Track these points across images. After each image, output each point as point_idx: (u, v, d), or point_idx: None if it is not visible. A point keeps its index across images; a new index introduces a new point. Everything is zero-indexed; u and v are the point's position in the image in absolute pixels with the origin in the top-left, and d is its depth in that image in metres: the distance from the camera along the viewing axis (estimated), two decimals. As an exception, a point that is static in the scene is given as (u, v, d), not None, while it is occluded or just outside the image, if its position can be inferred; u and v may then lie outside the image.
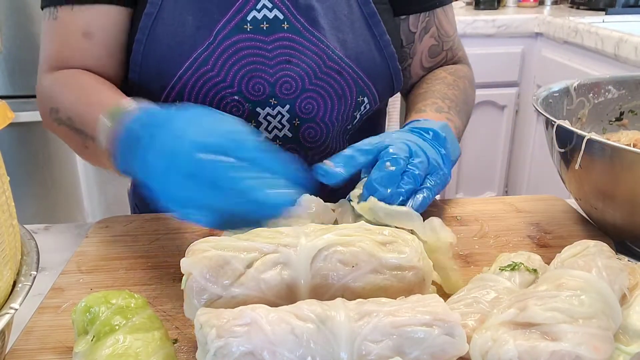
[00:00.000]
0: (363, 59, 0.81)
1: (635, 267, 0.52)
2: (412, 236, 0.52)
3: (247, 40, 0.76)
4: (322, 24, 0.78)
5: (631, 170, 0.59)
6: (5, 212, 0.45)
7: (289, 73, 0.78)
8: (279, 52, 0.77)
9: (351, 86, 0.81)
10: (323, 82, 0.80)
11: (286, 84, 0.78)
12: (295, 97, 0.80)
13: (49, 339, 0.53)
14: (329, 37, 0.79)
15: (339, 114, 0.83)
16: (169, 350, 0.45)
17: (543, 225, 0.74)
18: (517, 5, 2.48)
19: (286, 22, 0.77)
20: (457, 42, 0.95)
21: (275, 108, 0.80)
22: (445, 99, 0.83)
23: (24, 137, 2.03)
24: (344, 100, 0.82)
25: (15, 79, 1.99)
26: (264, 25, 0.76)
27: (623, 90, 0.83)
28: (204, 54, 0.75)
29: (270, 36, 0.76)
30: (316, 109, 0.81)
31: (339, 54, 0.79)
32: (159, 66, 0.77)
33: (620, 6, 2.13)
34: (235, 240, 0.50)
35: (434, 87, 0.86)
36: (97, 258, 0.67)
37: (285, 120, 0.81)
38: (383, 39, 0.82)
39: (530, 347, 0.41)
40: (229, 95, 0.78)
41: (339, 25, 0.80)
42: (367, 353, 0.41)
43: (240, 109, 0.79)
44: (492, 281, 0.52)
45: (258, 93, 0.78)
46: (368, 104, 0.85)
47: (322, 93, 0.80)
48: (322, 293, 0.48)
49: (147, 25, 0.76)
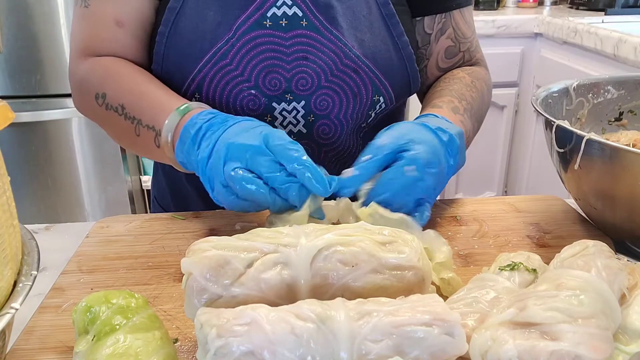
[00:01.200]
0: (380, 58, 0.81)
1: (634, 267, 0.52)
2: (412, 236, 0.52)
3: (266, 36, 0.77)
4: (341, 22, 0.79)
5: (630, 170, 0.59)
6: (6, 212, 0.45)
7: (306, 69, 0.79)
8: (296, 49, 0.78)
9: (367, 85, 0.81)
10: (339, 79, 0.80)
11: (302, 80, 0.79)
12: (311, 94, 0.80)
13: (50, 338, 0.53)
14: (346, 35, 0.79)
15: (354, 112, 0.83)
16: (170, 350, 0.45)
17: (542, 225, 0.74)
18: (517, 6, 2.49)
19: (305, 19, 0.77)
20: (475, 44, 0.94)
21: (290, 103, 0.80)
22: (462, 100, 0.82)
23: (24, 137, 2.04)
24: (359, 98, 0.82)
25: (15, 79, 1.99)
26: (283, 21, 0.77)
27: (622, 91, 0.83)
28: (223, 48, 0.77)
29: (289, 32, 0.77)
30: (331, 106, 0.82)
31: (356, 52, 0.79)
32: (180, 59, 0.79)
33: (620, 6, 2.13)
34: (236, 240, 0.50)
35: (451, 86, 0.85)
36: (98, 258, 0.67)
37: (300, 116, 0.81)
38: (401, 39, 0.82)
39: (529, 346, 0.41)
40: (246, 89, 0.79)
41: (358, 25, 0.80)
42: (367, 353, 0.41)
43: (257, 103, 0.80)
44: (492, 281, 0.52)
45: (274, 88, 0.79)
46: (384, 103, 0.85)
47: (337, 90, 0.81)
48: (322, 293, 0.48)
49: (170, 19, 0.78)
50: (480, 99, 0.86)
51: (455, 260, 0.66)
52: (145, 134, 0.73)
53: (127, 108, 0.75)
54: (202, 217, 0.77)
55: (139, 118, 0.74)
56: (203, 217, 0.77)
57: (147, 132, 0.73)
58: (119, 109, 0.75)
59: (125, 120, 0.75)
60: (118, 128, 0.78)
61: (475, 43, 0.94)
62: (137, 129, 0.74)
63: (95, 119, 0.83)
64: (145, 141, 0.74)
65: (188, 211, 0.79)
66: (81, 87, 0.81)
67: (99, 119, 0.82)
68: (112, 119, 0.77)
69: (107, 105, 0.77)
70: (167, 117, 0.69)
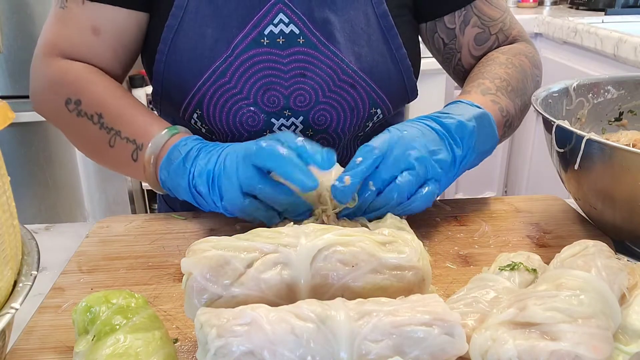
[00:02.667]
0: (377, 72, 0.81)
1: (634, 266, 0.52)
2: (412, 236, 0.52)
3: (264, 54, 0.77)
4: (338, 37, 0.79)
5: (630, 170, 0.59)
6: (6, 212, 0.45)
7: (304, 86, 0.79)
8: (294, 66, 0.78)
9: (364, 99, 0.82)
10: (336, 94, 0.80)
11: (300, 96, 0.79)
12: (309, 109, 0.81)
13: (50, 338, 0.53)
14: (344, 50, 0.79)
15: (351, 125, 0.84)
16: (170, 350, 0.45)
17: (542, 225, 0.74)
18: (517, 6, 2.48)
19: (302, 36, 0.77)
20: (508, 22, 0.90)
21: (289, 119, 0.81)
22: (495, 79, 0.79)
23: (24, 137, 2.04)
24: (356, 112, 0.83)
25: (15, 79, 1.99)
26: (280, 39, 0.77)
27: (622, 91, 0.83)
28: (222, 67, 0.77)
29: (286, 50, 0.77)
30: (329, 120, 0.82)
31: (353, 68, 0.79)
32: (180, 76, 0.79)
33: (620, 6, 2.13)
34: (236, 240, 0.50)
35: (484, 69, 0.83)
36: (98, 258, 0.67)
37: (299, 131, 0.82)
38: (399, 52, 0.82)
39: (529, 346, 0.41)
40: (246, 107, 0.79)
41: (356, 39, 0.80)
42: (367, 353, 0.41)
43: (256, 120, 0.80)
44: (492, 281, 0.52)
45: (273, 105, 0.79)
46: (381, 114, 0.85)
47: (335, 105, 0.81)
48: (322, 293, 0.48)
49: (169, 37, 0.78)
50: (520, 73, 0.83)
51: (455, 260, 0.66)
52: (121, 146, 0.73)
53: (105, 118, 0.74)
54: (202, 217, 0.77)
55: (117, 129, 0.73)
56: (203, 217, 0.77)
57: (125, 144, 0.73)
58: (94, 118, 0.74)
59: (100, 130, 0.74)
60: (88, 137, 0.77)
61: (508, 21, 0.90)
62: (113, 140, 0.73)
63: (58, 123, 0.81)
64: (119, 153, 0.74)
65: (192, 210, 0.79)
66: (51, 88, 0.79)
67: (64, 124, 0.80)
68: (82, 126, 0.76)
69: (80, 111, 0.75)
70: (156, 134, 0.70)
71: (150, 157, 0.70)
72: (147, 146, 0.70)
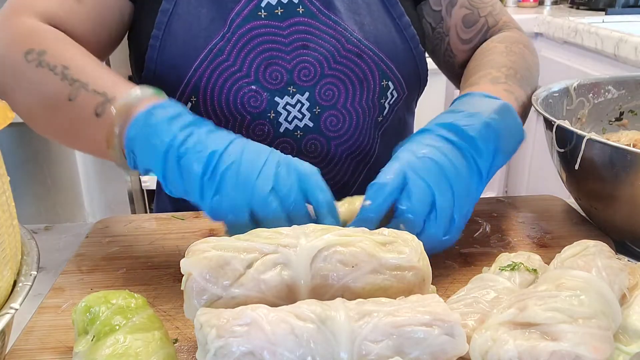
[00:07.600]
0: (383, 41, 0.79)
1: (635, 267, 0.52)
2: (412, 236, 0.52)
3: (262, 27, 0.75)
4: (338, 6, 0.77)
5: (631, 170, 0.59)
6: (5, 212, 0.45)
7: (307, 58, 0.76)
8: (295, 37, 0.76)
9: (373, 69, 0.79)
10: (343, 66, 0.78)
11: (304, 69, 0.76)
12: (315, 84, 0.78)
13: (49, 338, 0.53)
14: (345, 19, 0.77)
15: (362, 99, 0.80)
16: (169, 350, 0.45)
17: (543, 225, 0.74)
18: (517, 5, 2.48)
19: (301, 5, 0.76)
20: (498, 7, 0.88)
21: (294, 96, 0.77)
22: (502, 67, 0.75)
23: (24, 137, 2.03)
24: (366, 84, 0.79)
25: (15, 79, 1.98)
26: (279, 10, 0.75)
27: (623, 90, 0.83)
28: (219, 44, 0.75)
29: (286, 21, 0.75)
30: (337, 94, 0.79)
31: (357, 37, 0.77)
32: (174, 61, 0.76)
33: (620, 6, 2.13)
34: (235, 240, 0.50)
35: (485, 59, 0.79)
36: (97, 258, 0.67)
37: (305, 108, 0.78)
38: (402, 20, 0.80)
39: (530, 347, 0.41)
40: (247, 85, 0.76)
41: (356, 8, 0.78)
42: (367, 353, 0.41)
43: (259, 99, 0.77)
44: (492, 281, 0.52)
45: (276, 81, 0.76)
46: (394, 91, 0.82)
47: (342, 78, 0.78)
48: (322, 293, 0.48)
49: (164, 21, 0.75)
50: (522, 61, 0.78)
51: (455, 260, 0.66)
52: (85, 98, 0.63)
53: (70, 69, 0.64)
54: (202, 217, 0.77)
55: (84, 81, 0.63)
56: (203, 217, 0.77)
57: (90, 97, 0.62)
58: (57, 68, 0.65)
59: (61, 81, 0.64)
60: (42, 91, 0.66)
61: (498, 6, 0.88)
62: (76, 92, 0.63)
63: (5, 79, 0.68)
64: (79, 108, 0.63)
65: (192, 210, 0.79)
66: (13, 41, 0.68)
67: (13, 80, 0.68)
68: (38, 77, 0.66)
69: (41, 62, 0.65)
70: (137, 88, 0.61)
71: (122, 108, 0.59)
72: (120, 97, 0.60)
